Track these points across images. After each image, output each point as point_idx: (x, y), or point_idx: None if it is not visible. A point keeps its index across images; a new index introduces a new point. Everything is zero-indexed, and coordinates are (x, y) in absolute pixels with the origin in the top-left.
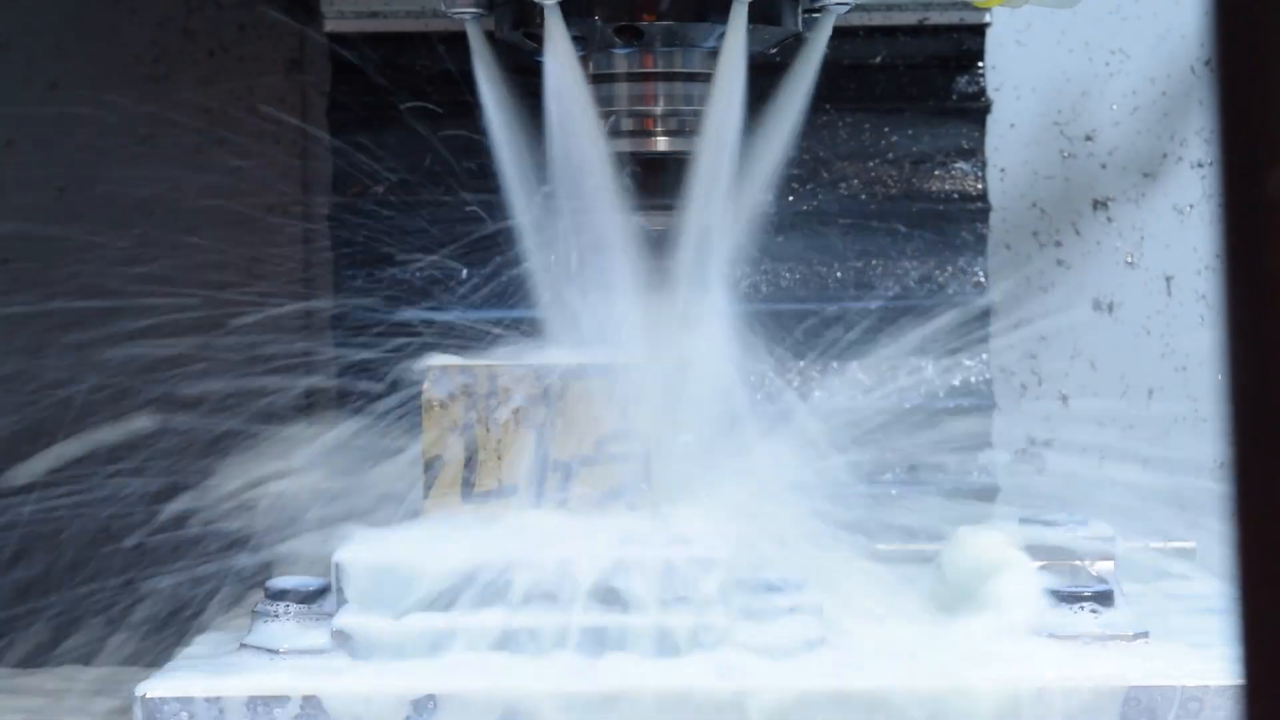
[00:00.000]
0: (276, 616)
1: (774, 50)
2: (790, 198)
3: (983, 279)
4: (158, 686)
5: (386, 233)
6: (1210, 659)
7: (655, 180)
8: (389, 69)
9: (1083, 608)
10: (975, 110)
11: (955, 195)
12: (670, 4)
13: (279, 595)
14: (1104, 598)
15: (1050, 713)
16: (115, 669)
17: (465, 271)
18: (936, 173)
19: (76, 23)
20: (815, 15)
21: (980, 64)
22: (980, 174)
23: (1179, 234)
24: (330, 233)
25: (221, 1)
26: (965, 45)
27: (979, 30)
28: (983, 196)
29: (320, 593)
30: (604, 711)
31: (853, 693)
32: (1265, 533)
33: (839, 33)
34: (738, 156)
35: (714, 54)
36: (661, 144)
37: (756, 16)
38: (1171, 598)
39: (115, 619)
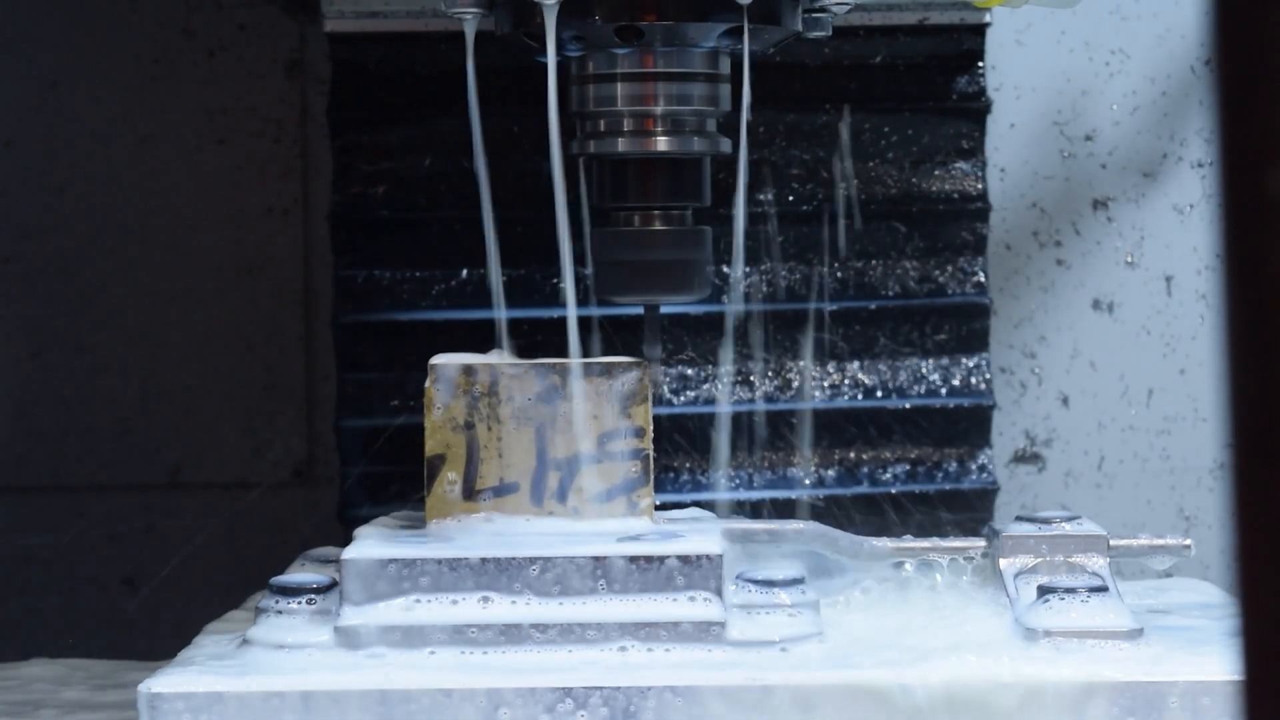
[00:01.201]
0: (280, 613)
1: (773, 50)
2: (790, 198)
3: (983, 279)
4: (162, 683)
5: (388, 234)
6: (1206, 656)
7: (652, 181)
8: (389, 69)
9: (1078, 604)
10: (975, 110)
11: (955, 195)
12: (669, 3)
13: (283, 592)
14: (1099, 594)
15: (1046, 708)
16: (116, 662)
17: (465, 272)
18: (936, 173)
19: (76, 23)
20: (816, 15)
21: (980, 64)
22: (980, 174)
23: (1179, 234)
24: (331, 233)
25: (221, 2)
26: (965, 45)
27: (979, 30)
28: (983, 196)
29: (324, 590)
30: (608, 707)
31: (849, 688)
32: (1265, 533)
33: (839, 33)
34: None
35: (711, 54)
36: (661, 144)
37: (756, 16)
38: (1167, 595)
39: None
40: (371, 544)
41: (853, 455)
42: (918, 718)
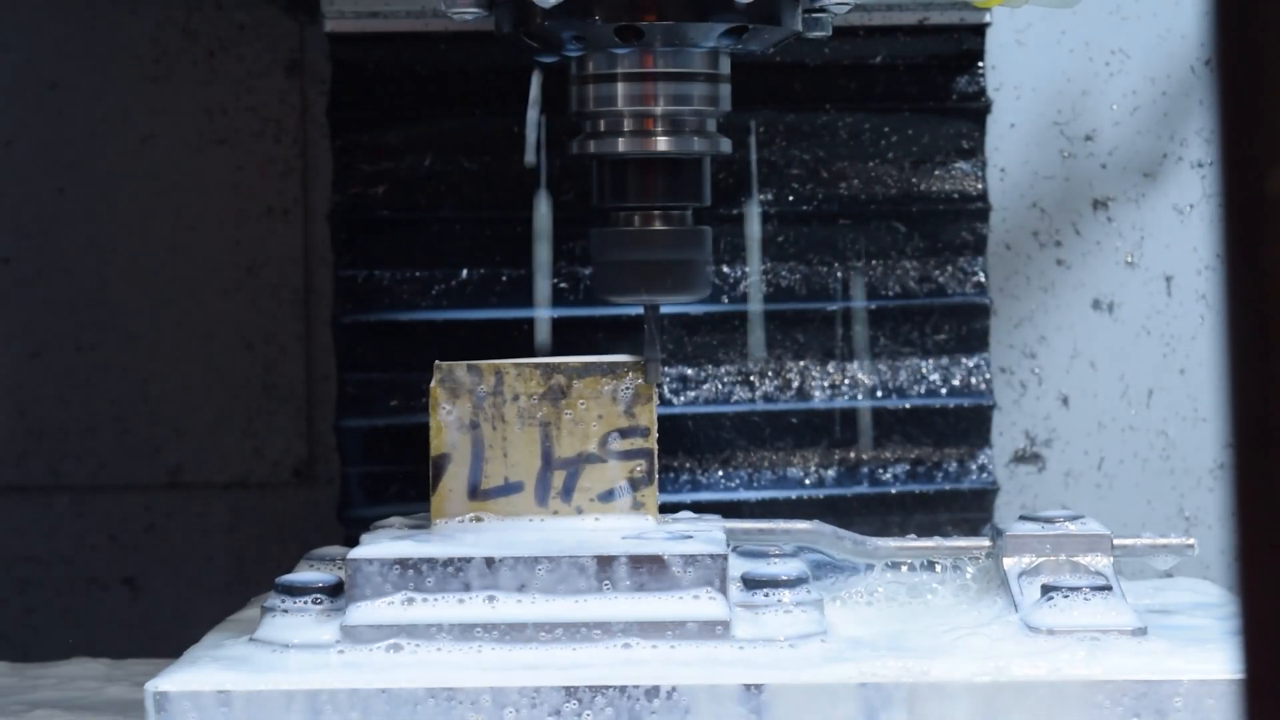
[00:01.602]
0: (286, 612)
1: (773, 50)
2: (790, 198)
3: (983, 279)
4: (169, 682)
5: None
6: (1208, 654)
7: (651, 181)
8: (389, 69)
9: (1081, 603)
10: (975, 110)
11: (955, 195)
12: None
13: (289, 591)
14: (1103, 593)
15: (1050, 707)
16: (125, 661)
17: (465, 272)
18: (936, 173)
19: (76, 23)
20: (816, 15)
21: (980, 64)
22: (980, 174)
23: (1179, 234)
24: (331, 233)
25: (221, 2)
26: (965, 45)
27: (979, 30)
28: (983, 196)
29: (330, 589)
30: (612, 706)
31: (852, 687)
32: (1265, 533)
33: (839, 33)
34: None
35: (711, 54)
36: (661, 144)
37: (756, 16)
38: (1169, 595)
39: None
40: (378, 544)
41: (853, 455)
42: (921, 716)
